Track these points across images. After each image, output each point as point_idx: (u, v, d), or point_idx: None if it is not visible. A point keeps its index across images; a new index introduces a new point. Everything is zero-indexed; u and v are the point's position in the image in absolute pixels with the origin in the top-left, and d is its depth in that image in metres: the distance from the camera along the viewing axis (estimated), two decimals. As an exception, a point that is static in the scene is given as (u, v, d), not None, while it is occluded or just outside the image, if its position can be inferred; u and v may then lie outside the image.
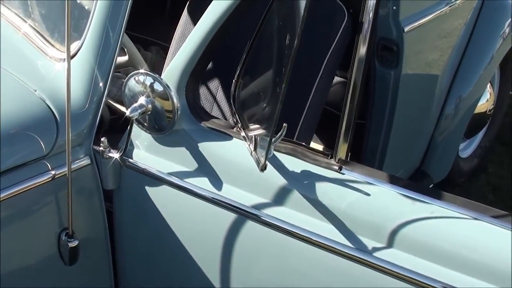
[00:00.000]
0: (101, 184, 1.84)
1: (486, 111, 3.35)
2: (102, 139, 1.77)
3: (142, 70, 1.69)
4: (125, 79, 2.09)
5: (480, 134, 3.57)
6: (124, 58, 2.08)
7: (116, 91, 2.84)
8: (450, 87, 3.00)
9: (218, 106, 2.23)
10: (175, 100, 1.66)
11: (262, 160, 1.44)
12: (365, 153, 2.63)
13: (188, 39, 1.68)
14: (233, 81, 1.64)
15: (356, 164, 1.56)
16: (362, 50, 1.52)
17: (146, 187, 1.80)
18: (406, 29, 2.37)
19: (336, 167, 1.55)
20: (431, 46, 2.72)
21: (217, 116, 1.92)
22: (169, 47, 2.44)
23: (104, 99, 1.80)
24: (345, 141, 1.54)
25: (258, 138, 1.52)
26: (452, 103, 3.01)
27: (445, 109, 2.99)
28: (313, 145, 2.73)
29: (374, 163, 2.61)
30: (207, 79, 2.29)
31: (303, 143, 1.63)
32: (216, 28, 1.62)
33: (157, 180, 1.77)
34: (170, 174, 1.74)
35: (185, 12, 2.45)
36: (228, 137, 1.69)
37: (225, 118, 2.20)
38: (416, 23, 2.44)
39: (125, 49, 2.05)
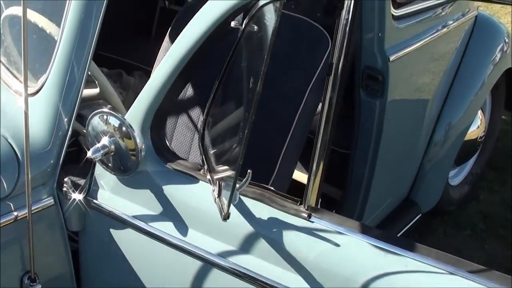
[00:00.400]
0: (65, 225, 1.76)
1: (477, 138, 3.27)
2: (65, 179, 1.70)
3: (105, 109, 1.62)
4: (106, 106, 2.03)
5: (471, 161, 3.49)
6: (95, 90, 1.99)
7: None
8: (439, 114, 2.93)
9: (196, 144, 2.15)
10: (138, 141, 1.58)
11: (225, 209, 1.37)
12: (350, 184, 2.55)
13: (152, 77, 1.60)
14: (203, 118, 1.57)
15: (326, 212, 1.48)
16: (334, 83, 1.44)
17: (111, 230, 1.72)
18: (391, 58, 2.29)
19: (305, 215, 1.47)
20: (420, 72, 2.65)
21: (184, 158, 1.84)
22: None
23: (68, 136, 1.73)
24: (315, 187, 1.46)
25: (222, 184, 1.44)
26: (442, 130, 2.94)
27: (435, 136, 2.93)
28: (297, 174, 2.66)
29: (359, 193, 2.54)
30: (187, 114, 2.21)
31: (272, 188, 1.55)
32: (181, 66, 1.55)
33: (122, 222, 1.69)
34: (135, 217, 1.66)
35: (166, 38, 2.39)
36: (195, 179, 1.61)
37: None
38: (402, 52, 2.36)
39: (96, 81, 1.97)
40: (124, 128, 1.59)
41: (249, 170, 1.39)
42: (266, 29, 1.31)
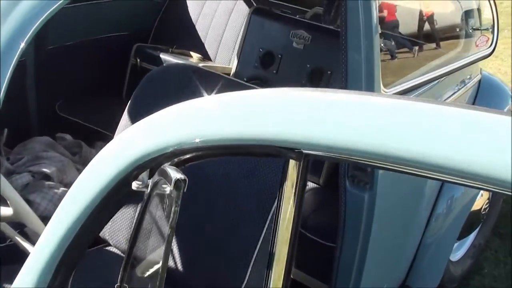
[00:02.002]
0: None
1: (481, 208, 2.95)
2: None
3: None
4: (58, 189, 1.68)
5: (474, 232, 3.16)
6: (8, 210, 1.62)
7: (46, 204, 2.44)
8: (441, 187, 2.61)
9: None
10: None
11: None
12: (337, 277, 2.23)
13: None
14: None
15: None
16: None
17: None
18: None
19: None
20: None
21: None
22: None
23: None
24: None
25: None
26: (444, 205, 2.63)
27: (435, 212, 2.61)
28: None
29: (349, 282, 2.21)
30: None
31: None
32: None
33: None
34: None
35: (128, 106, 2.07)
36: None
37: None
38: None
39: (8, 201, 1.60)
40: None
41: None
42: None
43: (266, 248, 1.72)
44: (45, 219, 1.87)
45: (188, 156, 0.89)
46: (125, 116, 2.06)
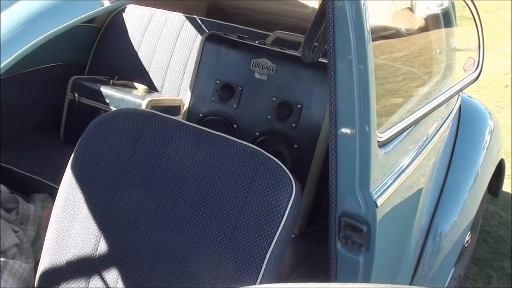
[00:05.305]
0: None
1: (464, 242, 2.71)
2: None
3: None
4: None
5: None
6: None
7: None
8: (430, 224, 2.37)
9: None
10: None
11: None
12: None
13: None
14: None
15: None
16: None
17: None
18: (379, 201, 1.69)
19: None
20: (412, 198, 2.07)
21: None
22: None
23: None
24: None
25: None
26: (432, 243, 2.38)
27: (423, 254, 2.35)
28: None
29: None
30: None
31: None
32: None
33: None
34: None
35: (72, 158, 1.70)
36: None
37: None
38: (393, 187, 1.77)
39: None
40: None
41: None
42: None
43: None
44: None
45: None
46: (68, 172, 1.70)
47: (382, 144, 1.72)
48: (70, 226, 1.66)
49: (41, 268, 1.69)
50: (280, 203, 1.45)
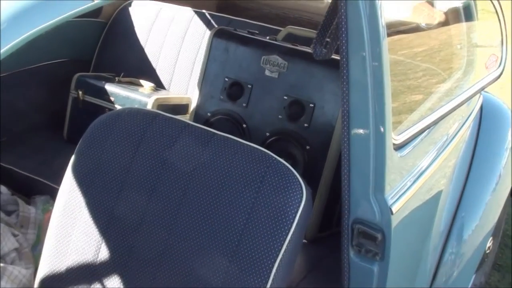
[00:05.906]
0: None
1: (486, 248, 2.60)
2: None
3: None
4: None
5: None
6: None
7: None
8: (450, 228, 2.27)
9: None
10: None
11: None
12: None
13: None
14: None
15: None
16: None
17: None
18: (394, 208, 1.58)
19: None
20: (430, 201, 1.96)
21: None
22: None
23: None
24: None
25: None
26: (452, 248, 2.28)
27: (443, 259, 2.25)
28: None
29: None
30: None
31: None
32: None
33: None
34: None
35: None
36: None
37: None
38: (409, 193, 1.66)
39: None
40: None
41: None
42: None
43: None
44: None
45: None
46: (68, 174, 1.62)
47: (398, 147, 1.61)
48: (70, 231, 1.59)
49: (40, 274, 1.63)
50: (290, 209, 1.36)
